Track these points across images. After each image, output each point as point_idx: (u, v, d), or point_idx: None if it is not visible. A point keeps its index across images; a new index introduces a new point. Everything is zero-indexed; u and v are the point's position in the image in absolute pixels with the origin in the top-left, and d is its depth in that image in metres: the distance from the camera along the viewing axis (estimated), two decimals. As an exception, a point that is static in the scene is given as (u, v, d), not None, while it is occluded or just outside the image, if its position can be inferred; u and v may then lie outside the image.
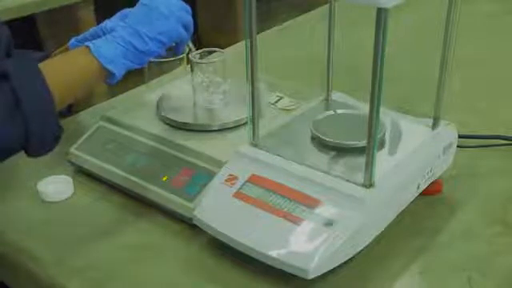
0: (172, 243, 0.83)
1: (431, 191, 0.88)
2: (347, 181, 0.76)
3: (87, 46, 0.83)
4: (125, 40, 0.84)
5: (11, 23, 0.97)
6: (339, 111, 0.90)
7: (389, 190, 0.76)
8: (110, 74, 0.84)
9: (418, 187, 0.83)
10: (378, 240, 0.77)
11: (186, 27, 0.89)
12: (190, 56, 0.97)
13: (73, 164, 0.97)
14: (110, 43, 0.84)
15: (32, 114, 0.75)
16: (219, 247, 0.79)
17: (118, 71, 0.84)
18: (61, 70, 0.82)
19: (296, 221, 0.74)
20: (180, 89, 1.03)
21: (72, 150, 0.97)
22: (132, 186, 0.90)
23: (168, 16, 0.86)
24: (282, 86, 1.04)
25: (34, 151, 0.80)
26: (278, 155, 0.81)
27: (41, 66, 0.78)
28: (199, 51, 0.97)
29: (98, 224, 0.87)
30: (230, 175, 0.81)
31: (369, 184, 0.74)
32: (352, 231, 0.72)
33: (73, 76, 0.83)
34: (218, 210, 0.79)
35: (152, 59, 0.91)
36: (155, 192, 0.87)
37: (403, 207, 0.81)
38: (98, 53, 0.82)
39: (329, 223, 0.73)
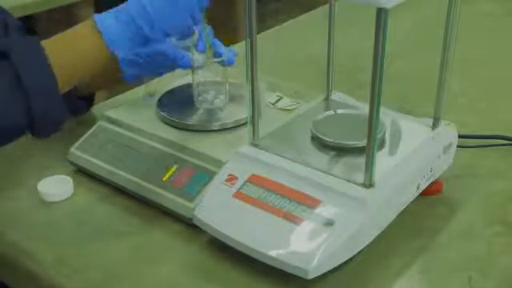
0: (172, 243, 0.83)
1: (431, 191, 0.88)
2: (347, 181, 0.76)
3: (94, 22, 0.80)
4: (135, 23, 0.81)
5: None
6: (339, 111, 0.90)
7: (389, 189, 0.76)
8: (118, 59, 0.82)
9: (418, 187, 0.83)
10: (378, 240, 0.77)
11: (193, 18, 0.87)
12: None
13: (73, 164, 0.97)
14: (118, 24, 0.81)
15: (33, 89, 0.72)
16: (219, 247, 0.79)
17: (122, 50, 0.82)
18: (64, 46, 0.80)
19: (296, 221, 0.74)
20: (180, 89, 1.03)
21: (72, 149, 0.97)
22: (132, 186, 0.90)
23: (179, 6, 0.83)
24: (282, 86, 1.04)
25: (38, 131, 0.77)
26: (278, 155, 0.81)
27: (43, 42, 0.76)
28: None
29: (98, 224, 0.87)
30: (230, 175, 0.81)
31: (369, 184, 0.74)
32: (352, 231, 0.72)
33: (77, 52, 0.80)
34: (218, 209, 0.79)
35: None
36: (155, 192, 0.87)
37: (403, 207, 0.81)
38: (103, 30, 0.80)
39: (329, 223, 0.73)
